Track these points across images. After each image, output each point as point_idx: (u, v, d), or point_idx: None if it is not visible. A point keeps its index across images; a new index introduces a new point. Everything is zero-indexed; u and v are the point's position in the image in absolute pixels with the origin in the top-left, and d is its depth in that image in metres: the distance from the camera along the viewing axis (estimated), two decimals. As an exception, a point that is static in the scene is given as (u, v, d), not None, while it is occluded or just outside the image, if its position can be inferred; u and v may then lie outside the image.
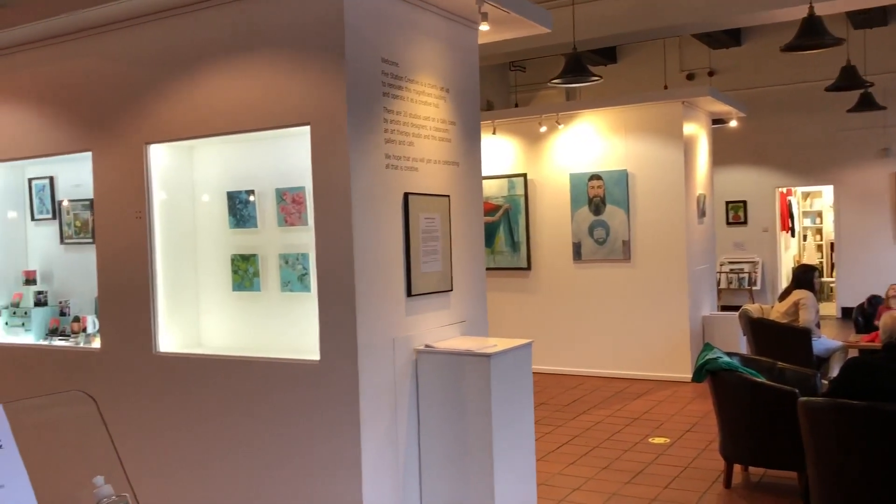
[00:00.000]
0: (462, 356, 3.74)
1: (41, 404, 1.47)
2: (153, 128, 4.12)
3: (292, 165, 4.08)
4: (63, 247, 5.03)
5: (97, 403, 1.42)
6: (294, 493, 3.72)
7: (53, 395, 1.43)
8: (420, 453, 3.88)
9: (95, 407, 1.42)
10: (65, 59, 4.45)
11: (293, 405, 3.71)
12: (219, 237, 4.35)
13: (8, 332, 4.95)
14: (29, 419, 1.38)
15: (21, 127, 4.68)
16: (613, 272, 8.34)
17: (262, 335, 4.23)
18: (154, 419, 4.16)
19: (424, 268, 3.97)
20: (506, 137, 8.88)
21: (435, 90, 4.10)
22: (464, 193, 4.35)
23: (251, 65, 3.79)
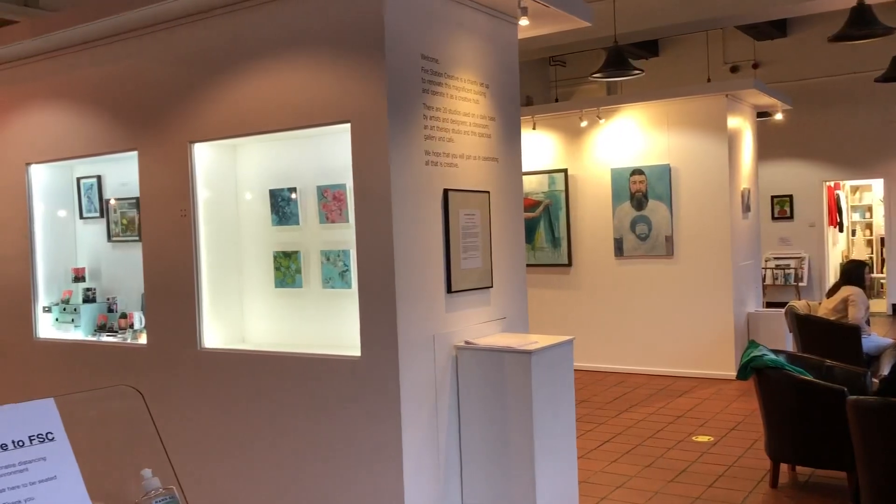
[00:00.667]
0: (503, 353, 3.73)
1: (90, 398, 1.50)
2: (197, 127, 4.18)
3: (333, 163, 4.11)
4: (110, 244, 5.14)
5: (144, 398, 1.45)
6: (336, 487, 3.75)
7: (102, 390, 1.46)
8: (461, 450, 3.88)
9: (142, 401, 1.44)
10: (112, 61, 4.54)
11: (335, 400, 3.74)
12: (261, 234, 4.40)
13: (58, 327, 5.08)
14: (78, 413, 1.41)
15: (70, 127, 4.79)
16: (656, 268, 8.25)
17: (304, 331, 4.27)
18: (198, 413, 4.23)
19: (464, 264, 3.97)
20: (546, 132, 8.83)
21: (475, 86, 4.09)
22: (504, 189, 4.33)
23: (293, 63, 3.83)
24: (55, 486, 1.30)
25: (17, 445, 1.30)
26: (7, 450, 1.28)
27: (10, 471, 1.27)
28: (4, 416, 1.32)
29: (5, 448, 1.28)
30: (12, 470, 1.27)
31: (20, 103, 5.05)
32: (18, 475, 1.27)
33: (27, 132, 5.03)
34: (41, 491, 1.28)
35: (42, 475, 1.29)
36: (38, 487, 1.28)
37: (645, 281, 8.30)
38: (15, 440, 1.30)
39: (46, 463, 1.31)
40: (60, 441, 1.34)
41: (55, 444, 1.33)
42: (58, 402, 1.38)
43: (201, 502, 4.23)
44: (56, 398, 1.36)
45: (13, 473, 1.27)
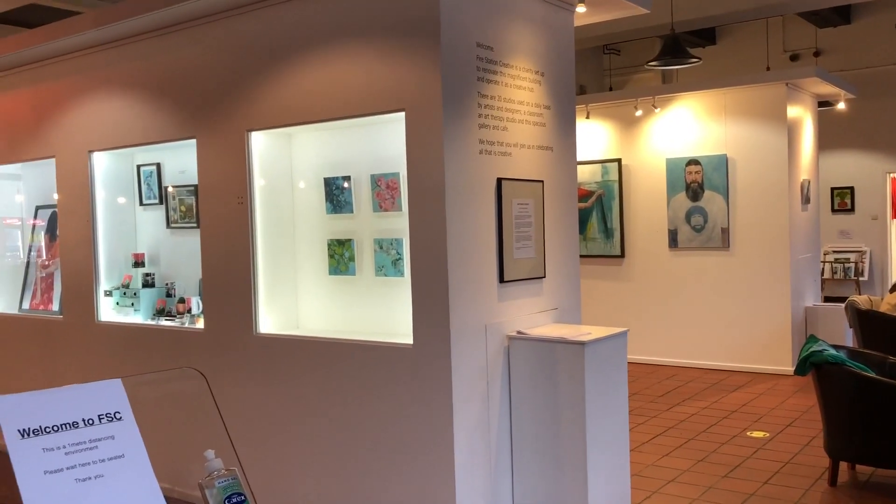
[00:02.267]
0: (555, 343, 3.70)
1: (155, 380, 1.54)
2: (254, 115, 4.23)
3: (387, 151, 4.12)
4: (169, 231, 5.25)
5: (207, 380, 1.47)
6: (387, 474, 3.78)
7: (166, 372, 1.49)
8: (512, 440, 3.87)
9: (205, 383, 1.47)
10: (171, 50, 4.62)
11: (387, 387, 3.76)
12: (316, 222, 4.45)
13: (118, 311, 5.21)
14: (143, 393, 1.44)
15: (130, 116, 4.89)
16: (711, 260, 8.10)
17: (357, 318, 4.31)
18: (252, 398, 4.30)
19: (517, 254, 3.95)
20: (600, 122, 8.72)
21: (530, 74, 4.05)
22: (558, 179, 4.29)
23: (348, 52, 3.84)
24: (123, 463, 1.33)
25: (87, 424, 1.33)
26: (78, 427, 1.32)
27: (81, 448, 1.30)
28: (75, 395, 1.35)
29: (76, 426, 1.32)
30: (83, 447, 1.30)
31: (83, 92, 5.18)
32: (89, 452, 1.31)
33: (90, 121, 5.16)
34: (110, 468, 1.31)
35: (111, 453, 1.33)
36: (108, 465, 1.31)
37: (699, 273, 8.16)
38: (85, 418, 1.34)
39: (115, 441, 1.34)
40: (127, 420, 1.37)
41: (123, 423, 1.37)
42: (124, 383, 1.42)
43: (254, 485, 4.30)
44: (123, 379, 1.39)
45: (84, 450, 1.30)
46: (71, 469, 1.27)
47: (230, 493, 1.37)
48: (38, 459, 1.25)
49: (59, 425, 1.30)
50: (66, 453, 1.28)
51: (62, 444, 1.29)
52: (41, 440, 1.27)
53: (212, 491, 1.37)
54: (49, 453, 1.26)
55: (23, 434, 1.25)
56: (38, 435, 1.27)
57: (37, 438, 1.26)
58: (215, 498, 1.37)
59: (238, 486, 1.39)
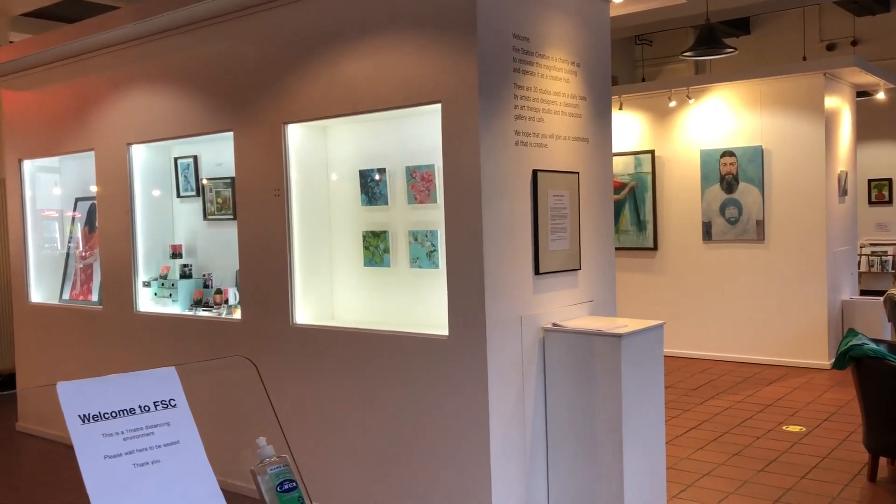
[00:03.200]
0: (591, 336, 3.69)
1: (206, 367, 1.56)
2: (291, 108, 4.27)
3: (422, 143, 4.13)
4: (206, 223, 5.31)
5: (258, 368, 1.50)
6: (423, 465, 3.80)
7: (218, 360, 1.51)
8: (547, 432, 3.87)
9: (256, 371, 1.49)
10: (208, 44, 4.67)
11: (422, 378, 3.78)
12: (351, 214, 4.48)
13: (157, 302, 5.29)
14: (196, 381, 1.47)
15: (168, 109, 4.96)
16: (746, 253, 8.01)
17: (392, 309, 4.33)
18: (289, 388, 4.34)
19: (552, 246, 3.94)
20: (633, 113, 8.66)
21: (566, 65, 4.04)
22: (593, 170, 4.27)
23: (384, 45, 3.86)
24: (178, 450, 1.36)
25: (144, 410, 1.36)
26: (135, 414, 1.35)
27: (138, 433, 1.33)
28: (131, 382, 1.38)
29: (133, 412, 1.35)
30: (140, 433, 1.33)
31: (122, 86, 5.25)
32: (146, 438, 1.34)
33: (128, 114, 5.23)
34: (166, 454, 1.34)
35: (166, 439, 1.36)
36: (164, 451, 1.34)
37: (734, 266, 8.08)
38: (141, 405, 1.37)
39: (170, 428, 1.37)
40: (182, 407, 1.40)
41: (177, 410, 1.39)
42: (178, 371, 1.44)
43: (291, 474, 4.36)
44: (176, 366, 1.42)
45: (141, 436, 1.33)
46: (129, 454, 1.30)
47: (282, 480, 1.40)
48: (98, 444, 1.28)
49: (117, 411, 1.33)
50: (124, 439, 1.31)
51: (120, 429, 1.32)
52: (101, 425, 1.30)
53: (264, 477, 1.40)
54: (108, 438, 1.29)
55: (83, 419, 1.28)
56: (98, 420, 1.30)
57: (97, 424, 1.29)
58: (267, 484, 1.39)
59: (290, 474, 1.41)
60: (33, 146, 6.07)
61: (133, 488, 1.27)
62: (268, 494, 1.38)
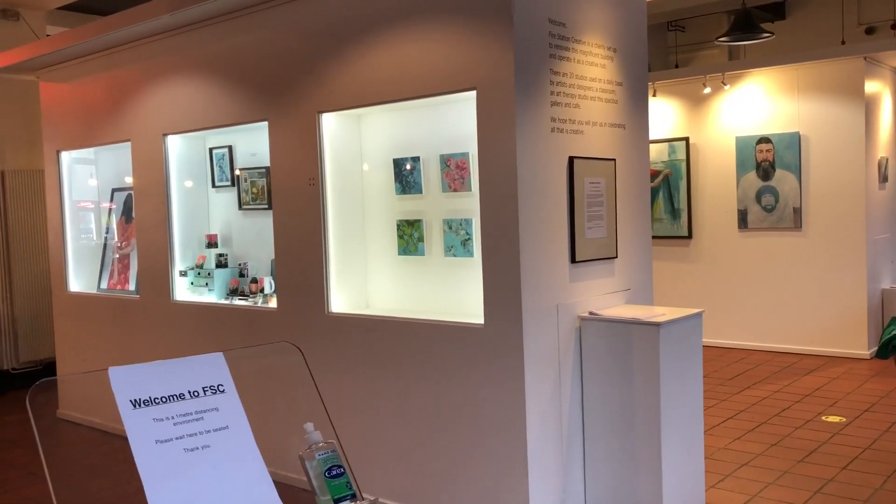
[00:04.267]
0: (629, 324, 3.66)
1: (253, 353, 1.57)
2: (325, 97, 4.27)
3: (456, 131, 4.11)
4: (241, 212, 5.35)
5: (304, 355, 1.50)
6: (459, 454, 3.80)
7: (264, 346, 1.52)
8: (583, 421, 3.85)
9: (302, 357, 1.49)
10: (243, 34, 4.68)
11: (458, 367, 3.77)
12: (385, 203, 4.47)
13: (193, 291, 5.34)
14: (244, 367, 1.47)
15: (203, 99, 4.99)
16: (782, 241, 7.88)
17: (426, 298, 4.33)
18: (325, 376, 4.36)
19: (589, 234, 3.90)
20: (666, 100, 8.55)
21: (602, 50, 3.99)
22: (630, 157, 4.22)
23: (419, 32, 3.84)
24: (227, 435, 1.36)
25: (193, 395, 1.37)
26: (185, 399, 1.35)
27: (189, 418, 1.34)
28: (181, 367, 1.39)
29: (183, 397, 1.35)
30: (190, 418, 1.34)
31: (158, 77, 5.30)
32: (196, 423, 1.34)
33: (164, 104, 5.28)
34: (215, 439, 1.35)
35: (216, 424, 1.36)
36: (213, 436, 1.35)
37: (770, 254, 7.96)
38: (191, 390, 1.37)
39: (219, 413, 1.37)
40: (230, 393, 1.41)
41: (226, 395, 1.40)
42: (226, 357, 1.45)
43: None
44: (225, 352, 1.42)
45: (191, 421, 1.34)
46: (180, 439, 1.31)
47: (330, 466, 1.39)
48: (149, 429, 1.28)
49: (168, 396, 1.34)
50: (174, 423, 1.32)
51: (171, 414, 1.32)
52: (152, 410, 1.30)
53: (311, 463, 1.40)
54: (159, 423, 1.30)
55: (135, 404, 1.29)
56: (149, 405, 1.31)
57: (148, 409, 1.30)
58: (315, 470, 1.39)
59: (337, 459, 1.41)
60: (71, 137, 6.15)
61: (184, 472, 1.28)
62: (316, 480, 1.38)
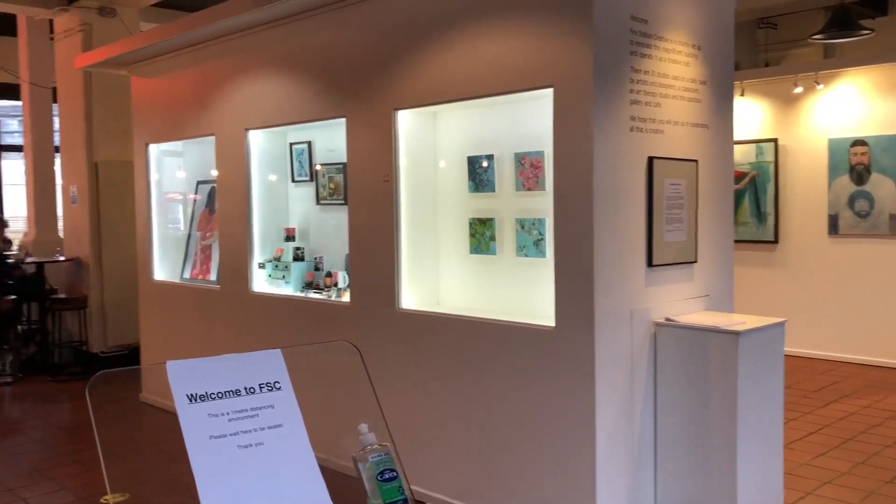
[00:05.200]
0: (707, 332, 3.53)
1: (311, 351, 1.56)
2: (401, 94, 4.27)
3: (531, 129, 4.05)
4: (318, 207, 5.42)
5: (361, 353, 1.48)
6: (526, 456, 3.74)
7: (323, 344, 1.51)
8: (656, 430, 3.73)
9: (359, 356, 1.47)
10: (324, 31, 4.73)
11: (527, 369, 3.72)
12: (458, 201, 4.45)
13: (270, 283, 5.44)
14: (300, 364, 1.46)
15: (284, 95, 5.06)
16: (876, 248, 7.49)
17: (497, 298, 4.28)
18: (393, 371, 4.37)
19: (667, 237, 3.78)
20: (754, 100, 8.24)
21: (686, 48, 3.85)
22: (713, 158, 4.07)
23: (496, 29, 3.79)
24: (282, 433, 1.35)
25: (249, 392, 1.37)
26: (240, 395, 1.35)
27: (243, 415, 1.33)
28: (238, 363, 1.39)
29: (238, 394, 1.35)
30: (245, 414, 1.34)
31: (241, 73, 5.41)
32: (250, 420, 1.34)
33: (247, 100, 5.39)
34: (269, 437, 1.34)
35: (270, 422, 1.36)
36: (267, 433, 1.34)
37: (862, 262, 7.58)
38: (247, 387, 1.37)
39: (274, 411, 1.37)
40: (286, 390, 1.40)
41: (282, 393, 1.39)
42: (284, 354, 1.44)
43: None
44: (282, 349, 1.42)
45: (246, 418, 1.34)
46: (234, 435, 1.31)
47: (383, 469, 1.37)
48: (204, 424, 1.29)
49: (223, 392, 1.34)
50: (229, 420, 1.32)
51: (226, 410, 1.32)
52: (207, 406, 1.31)
53: (364, 465, 1.38)
54: (214, 419, 1.30)
55: (191, 399, 1.30)
56: (205, 400, 1.31)
57: (203, 404, 1.31)
58: (368, 472, 1.37)
59: (390, 462, 1.39)
60: (158, 131, 6.35)
61: (236, 469, 1.28)
62: (368, 483, 1.36)
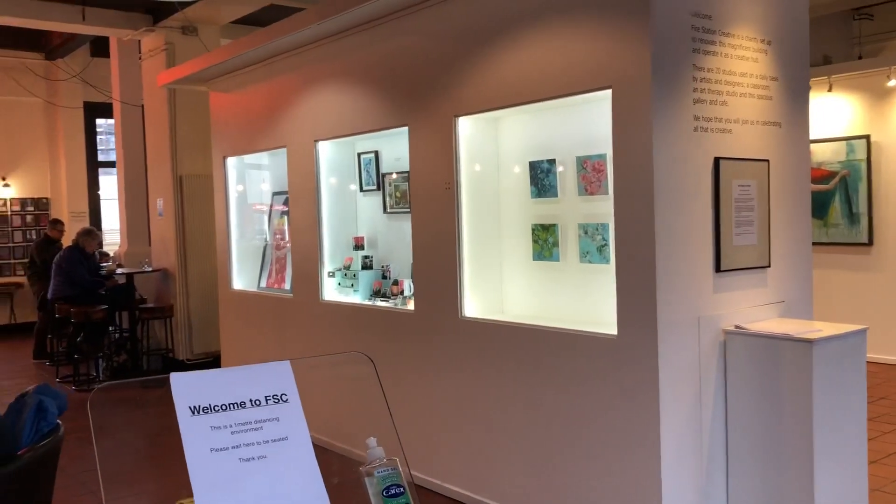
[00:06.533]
0: (779, 340, 3.34)
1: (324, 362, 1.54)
2: (461, 100, 4.24)
3: (594, 132, 3.95)
4: (385, 216, 5.44)
5: (374, 364, 1.45)
6: (587, 469, 3.64)
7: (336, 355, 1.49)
8: (727, 444, 3.56)
9: (373, 368, 1.44)
10: (386, 40, 4.75)
11: (588, 379, 3.61)
12: (520, 207, 4.38)
13: (340, 291, 5.50)
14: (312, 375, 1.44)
15: (350, 105, 5.11)
16: (983, 250, 6.98)
17: (561, 305, 4.19)
18: (458, 381, 4.33)
19: (736, 241, 3.61)
20: (844, 95, 7.82)
21: (754, 43, 3.68)
22: (786, 157, 3.87)
23: (554, 31, 3.72)
24: (286, 446, 1.33)
25: (254, 404, 1.35)
26: (245, 408, 1.34)
27: (246, 428, 1.32)
28: (244, 375, 1.38)
29: (243, 406, 1.34)
30: (248, 427, 1.32)
31: (309, 85, 5.50)
32: (253, 433, 1.33)
33: (315, 111, 5.47)
34: (273, 450, 1.32)
35: (275, 435, 1.34)
36: (271, 446, 1.32)
37: (967, 265, 7.08)
38: (252, 399, 1.36)
39: (279, 423, 1.35)
40: (293, 403, 1.38)
41: (289, 405, 1.37)
42: (294, 364, 1.43)
43: (450, 469, 4.35)
44: (291, 361, 1.40)
45: (249, 431, 1.32)
46: (236, 448, 1.30)
47: (389, 484, 1.34)
48: (205, 437, 1.28)
49: (227, 404, 1.33)
50: (232, 432, 1.31)
51: (229, 423, 1.31)
52: (209, 418, 1.30)
53: (371, 480, 1.35)
54: (216, 431, 1.29)
55: (193, 411, 1.29)
56: (207, 413, 1.30)
57: (205, 416, 1.30)
58: (374, 487, 1.34)
59: (398, 478, 1.35)
60: (235, 144, 6.53)
61: (237, 483, 1.27)
62: (374, 498, 1.33)
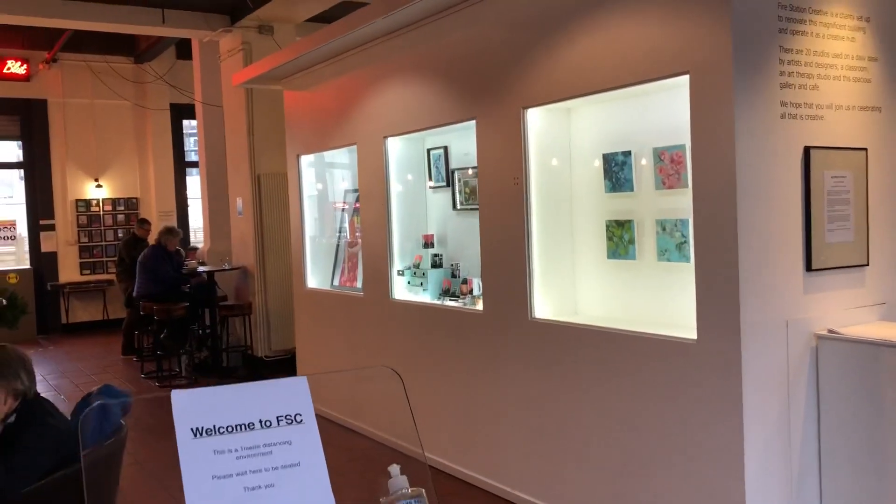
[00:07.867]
0: (878, 346, 3.04)
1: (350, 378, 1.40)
2: (530, 91, 4.05)
3: (672, 122, 3.69)
4: (455, 212, 5.30)
5: (403, 380, 1.30)
6: (663, 479, 3.40)
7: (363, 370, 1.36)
8: (820, 456, 3.27)
9: (402, 385, 1.30)
10: (451, 32, 4.60)
11: (666, 386, 3.38)
12: (594, 202, 4.16)
13: (409, 290, 5.39)
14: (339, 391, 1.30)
15: (418, 100, 4.99)
16: None
17: (637, 306, 3.95)
18: (524, 383, 4.15)
19: (829, 237, 3.31)
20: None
21: (850, 21, 3.36)
22: (888, 145, 3.53)
23: (625, 14, 3.49)
24: (298, 473, 1.20)
25: (265, 426, 1.23)
26: (254, 429, 1.21)
27: (254, 453, 1.20)
28: (255, 392, 1.26)
29: (252, 427, 1.21)
30: (256, 452, 1.20)
31: (377, 81, 5.40)
32: (262, 458, 1.20)
33: (384, 107, 5.37)
34: (283, 477, 1.19)
35: (286, 460, 1.21)
36: (280, 473, 1.19)
37: None
38: (263, 420, 1.23)
39: (292, 447, 1.22)
40: (308, 424, 1.25)
41: (303, 426, 1.24)
42: (318, 379, 1.29)
43: (517, 469, 4.17)
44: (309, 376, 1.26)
45: (257, 456, 1.20)
46: (241, 475, 1.17)
47: (412, 518, 1.19)
48: (207, 462, 1.16)
49: (235, 426, 1.21)
50: (237, 457, 1.18)
51: (235, 446, 1.19)
52: (213, 441, 1.18)
53: (393, 513, 1.20)
54: (220, 456, 1.17)
55: (195, 433, 1.18)
56: (211, 435, 1.18)
57: (209, 439, 1.18)
58: (396, 521, 1.19)
59: (422, 510, 1.20)
60: (307, 142, 6.51)
61: (240, 515, 1.14)
62: (396, 533, 1.18)
